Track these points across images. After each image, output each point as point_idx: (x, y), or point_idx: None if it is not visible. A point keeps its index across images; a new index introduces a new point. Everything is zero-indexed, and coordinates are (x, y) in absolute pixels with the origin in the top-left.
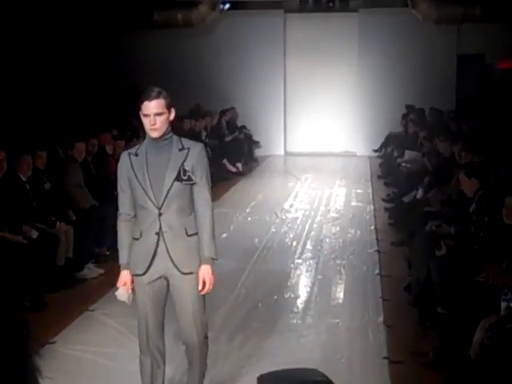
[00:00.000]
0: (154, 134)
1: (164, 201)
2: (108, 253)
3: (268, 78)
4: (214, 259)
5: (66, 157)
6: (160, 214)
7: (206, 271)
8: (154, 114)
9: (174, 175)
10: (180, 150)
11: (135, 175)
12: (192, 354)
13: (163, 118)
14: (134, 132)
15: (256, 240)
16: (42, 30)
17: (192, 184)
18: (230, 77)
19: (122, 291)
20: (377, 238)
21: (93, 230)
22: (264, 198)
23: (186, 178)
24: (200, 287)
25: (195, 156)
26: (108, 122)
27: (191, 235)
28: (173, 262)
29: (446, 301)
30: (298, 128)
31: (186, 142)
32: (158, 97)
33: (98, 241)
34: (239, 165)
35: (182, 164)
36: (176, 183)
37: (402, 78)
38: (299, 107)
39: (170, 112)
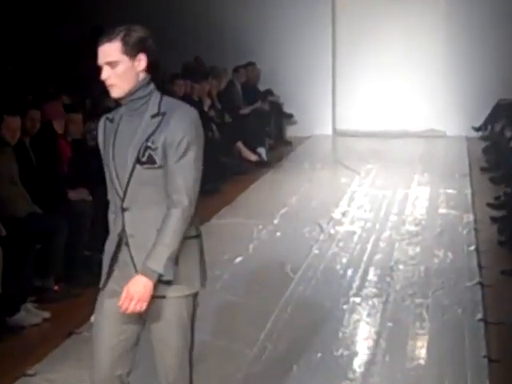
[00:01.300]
0: (113, 93)
1: (126, 191)
2: (56, 287)
3: (308, 21)
4: (159, 275)
5: None
6: (124, 210)
7: (134, 282)
8: (105, 63)
9: (135, 155)
10: (153, 116)
11: (104, 149)
12: None
13: (121, 68)
14: (96, 100)
15: (289, 267)
16: None
17: (157, 168)
18: (250, 18)
19: None
20: (479, 265)
21: (33, 251)
22: (301, 202)
23: (144, 159)
24: (119, 303)
25: (170, 125)
26: (57, 85)
27: None
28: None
29: None
30: (353, 96)
31: (167, 105)
32: (112, 39)
33: (41, 268)
34: (262, 150)
35: (148, 138)
36: (138, 167)
37: None
38: (355, 65)
39: (134, 59)
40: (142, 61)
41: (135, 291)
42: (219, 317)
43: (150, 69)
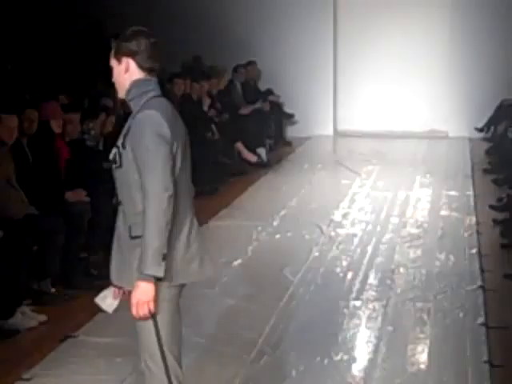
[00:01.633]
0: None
1: (116, 188)
2: (53, 290)
3: (310, 20)
4: (154, 277)
5: None
6: (118, 203)
7: (135, 289)
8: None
9: None
10: (132, 118)
11: None
12: None
13: (116, 71)
14: (94, 99)
15: (288, 270)
16: None
17: (119, 167)
18: (251, 17)
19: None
20: (481, 268)
21: (30, 253)
22: (301, 204)
23: (111, 158)
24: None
25: (132, 128)
26: (55, 84)
27: (136, 237)
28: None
29: None
30: (354, 95)
31: (144, 107)
32: (112, 46)
33: (38, 271)
34: (262, 151)
35: (122, 138)
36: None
37: None
38: (357, 66)
39: (120, 64)
40: (125, 64)
41: (136, 297)
42: (217, 320)
43: (138, 72)
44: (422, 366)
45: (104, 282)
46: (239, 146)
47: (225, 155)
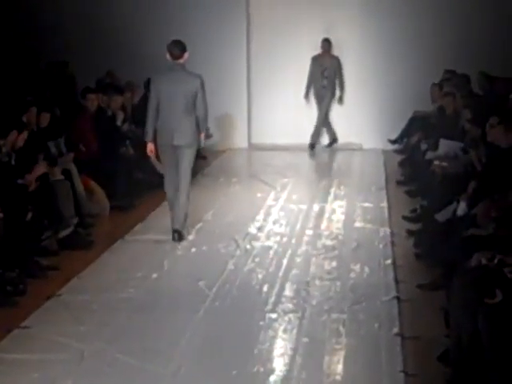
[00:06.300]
0: None
1: None
2: None
3: (223, 35)
4: None
5: None
6: None
7: None
8: None
9: None
10: None
11: None
12: None
13: None
14: (6, 116)
15: (203, 283)
16: None
17: None
18: (164, 32)
19: None
20: (395, 279)
21: None
22: (217, 218)
23: None
24: None
25: None
26: None
27: None
28: None
29: (503, 375)
30: (269, 109)
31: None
32: None
33: None
34: None
35: None
36: None
37: (432, 31)
38: (270, 79)
39: None
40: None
41: None
42: (133, 335)
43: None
44: (338, 377)
45: (20, 298)
46: (154, 160)
47: (139, 170)
